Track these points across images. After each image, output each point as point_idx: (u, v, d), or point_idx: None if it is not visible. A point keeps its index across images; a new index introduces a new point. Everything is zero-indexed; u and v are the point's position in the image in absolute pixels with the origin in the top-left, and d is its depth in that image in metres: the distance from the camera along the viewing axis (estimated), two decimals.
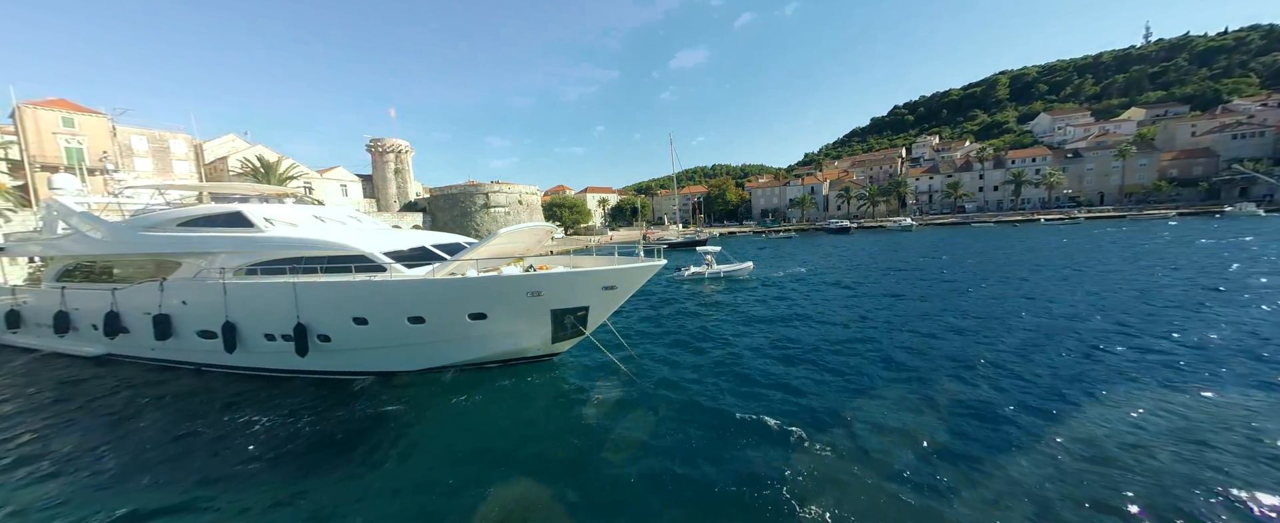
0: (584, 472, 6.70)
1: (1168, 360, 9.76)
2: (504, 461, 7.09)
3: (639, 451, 7.15)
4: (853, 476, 6.18)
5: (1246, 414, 7.31)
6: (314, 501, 6.29)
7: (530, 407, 9.21)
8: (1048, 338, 11.55)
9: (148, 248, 12.50)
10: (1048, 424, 7.28)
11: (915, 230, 60.52)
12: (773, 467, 6.43)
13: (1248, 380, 8.56)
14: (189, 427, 8.90)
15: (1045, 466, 6.20)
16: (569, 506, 5.89)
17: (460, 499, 6.12)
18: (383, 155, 55.34)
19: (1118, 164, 72.02)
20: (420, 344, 10.39)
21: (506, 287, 9.77)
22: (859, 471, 6.29)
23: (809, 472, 6.29)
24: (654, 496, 6.00)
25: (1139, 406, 7.78)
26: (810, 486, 6.01)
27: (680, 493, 6.03)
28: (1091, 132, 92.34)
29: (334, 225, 13.12)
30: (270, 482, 6.79)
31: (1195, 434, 6.79)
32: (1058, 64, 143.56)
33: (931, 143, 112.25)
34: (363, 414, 9.04)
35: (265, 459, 7.47)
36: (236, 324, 10.94)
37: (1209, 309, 13.55)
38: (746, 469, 6.40)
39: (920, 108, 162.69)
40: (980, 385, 8.86)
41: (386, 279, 9.88)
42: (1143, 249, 28.15)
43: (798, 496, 5.80)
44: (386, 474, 6.89)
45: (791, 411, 8.17)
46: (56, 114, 36.99)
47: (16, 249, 15.98)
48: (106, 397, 10.91)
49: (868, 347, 11.73)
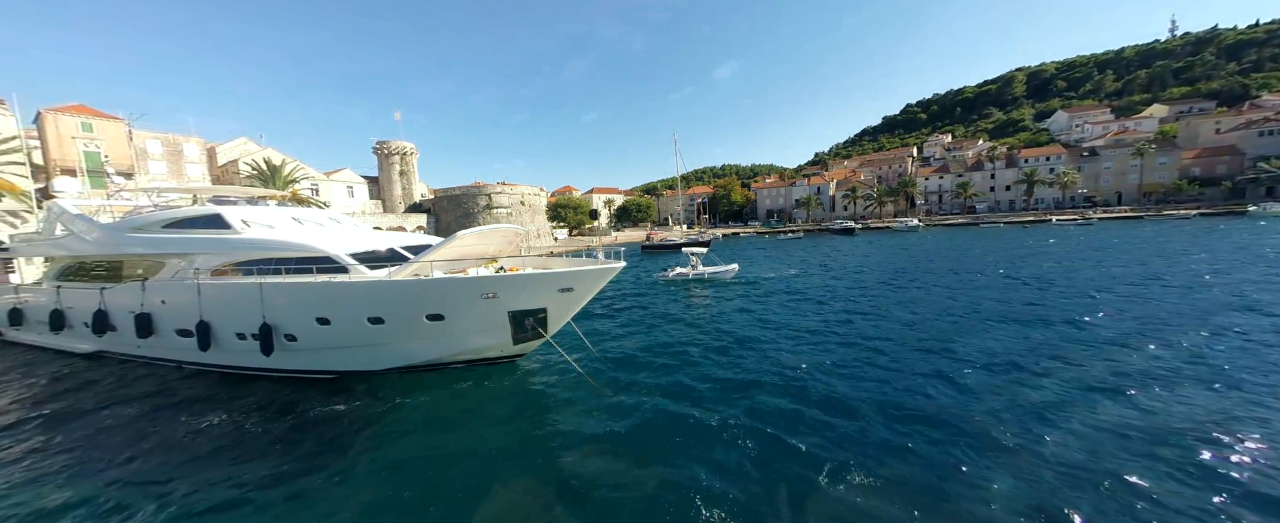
0: (532, 474, 6.79)
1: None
2: (452, 461, 7.22)
3: (585, 452, 7.24)
4: (757, 480, 6.23)
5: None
6: (264, 501, 6.45)
7: (484, 409, 9.29)
8: (1010, 385, 8.80)
9: (133, 249, 12.99)
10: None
11: (921, 231, 59.50)
12: (701, 469, 6.51)
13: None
14: (152, 424, 9.25)
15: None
16: (513, 507, 6.02)
17: (405, 501, 6.26)
18: (388, 157, 56.37)
19: (1136, 163, 69.80)
20: (381, 344, 10.62)
21: (461, 288, 9.93)
22: (761, 481, 6.32)
23: (727, 474, 6.35)
24: (589, 498, 6.09)
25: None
26: (723, 487, 6.06)
27: (615, 496, 6.10)
28: (1110, 129, 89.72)
29: (310, 227, 13.46)
30: (225, 482, 6.93)
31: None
32: (1077, 60, 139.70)
33: (943, 142, 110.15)
34: (321, 414, 9.27)
35: (223, 458, 7.67)
36: (210, 323, 11.32)
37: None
38: (680, 473, 6.48)
39: (934, 106, 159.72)
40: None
41: (346, 280, 10.13)
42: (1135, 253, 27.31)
43: (710, 497, 5.87)
44: (332, 475, 7.02)
45: (734, 418, 8.11)
46: (76, 119, 38.50)
47: (20, 249, 16.74)
48: (75, 391, 11.40)
49: (811, 361, 10.98)
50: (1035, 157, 76.97)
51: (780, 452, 6.88)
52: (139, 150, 41.95)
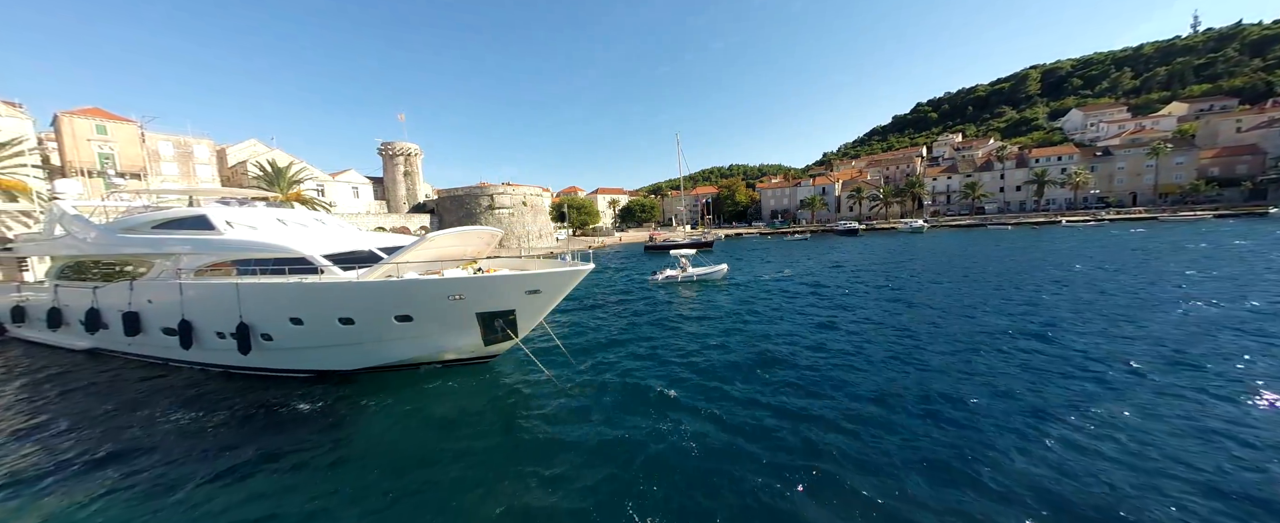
0: (494, 475, 6.86)
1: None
2: (415, 462, 7.33)
3: (547, 453, 7.34)
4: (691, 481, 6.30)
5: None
6: (226, 500, 6.57)
7: (454, 410, 9.38)
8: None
9: (124, 249, 13.39)
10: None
11: (926, 233, 58.67)
12: (653, 470, 6.62)
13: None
14: (131, 422, 9.55)
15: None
16: (470, 510, 6.11)
17: (359, 500, 6.40)
18: (393, 158, 57.15)
19: (1151, 163, 67.99)
20: (352, 344, 10.80)
21: (427, 290, 10.06)
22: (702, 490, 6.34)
23: (672, 476, 6.45)
24: (546, 497, 6.20)
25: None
26: (665, 490, 6.11)
27: (569, 495, 6.19)
28: (1127, 128, 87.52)
29: (294, 229, 13.71)
30: (189, 481, 7.10)
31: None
32: (1094, 57, 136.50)
33: (953, 141, 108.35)
34: (293, 413, 9.50)
35: (192, 456, 7.90)
36: (192, 322, 11.64)
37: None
38: (633, 473, 6.55)
39: (945, 105, 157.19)
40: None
41: (316, 281, 10.33)
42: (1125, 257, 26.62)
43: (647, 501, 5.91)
44: (291, 474, 7.18)
45: (689, 422, 8.14)
46: (90, 122, 39.66)
47: (24, 249, 17.34)
48: (61, 386, 11.78)
49: (772, 369, 10.87)
50: (1046, 156, 75.36)
51: (723, 457, 6.91)
52: (151, 152, 43.07)
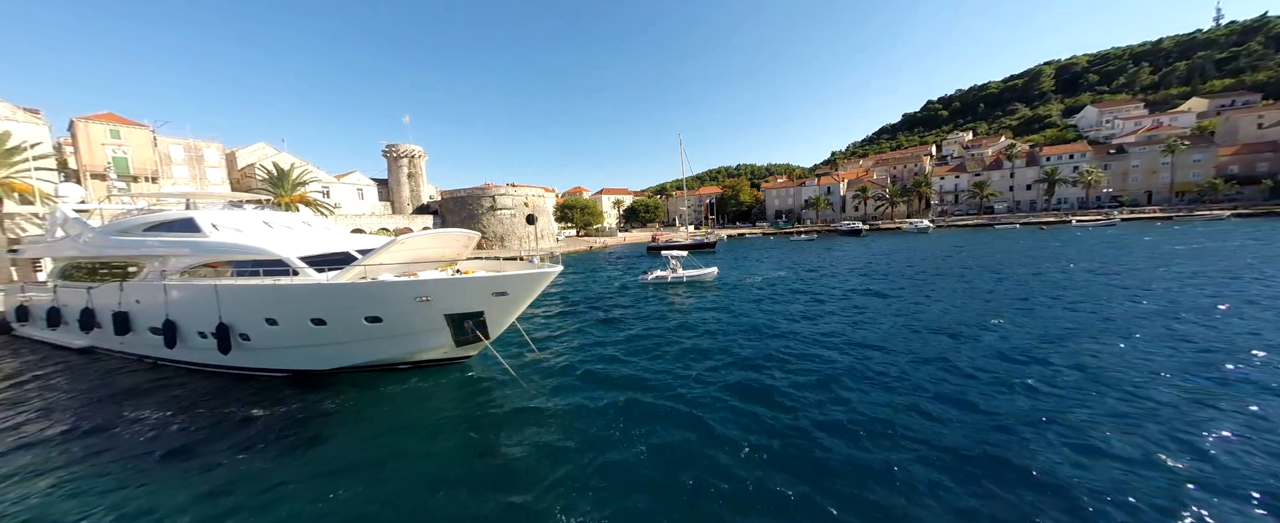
0: (445, 474, 6.99)
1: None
2: (367, 462, 7.47)
3: (511, 452, 7.47)
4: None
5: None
6: (185, 499, 6.72)
7: (424, 411, 9.53)
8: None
9: (116, 251, 13.85)
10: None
11: (931, 233, 57.83)
12: (609, 473, 6.67)
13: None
14: (112, 419, 9.89)
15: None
16: (422, 508, 6.24)
17: (306, 499, 6.54)
18: (397, 160, 57.95)
19: (1167, 160, 66.15)
20: (325, 345, 11.04)
21: (394, 291, 10.25)
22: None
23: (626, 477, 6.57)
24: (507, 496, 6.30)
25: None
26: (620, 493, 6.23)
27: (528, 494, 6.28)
28: (1143, 125, 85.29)
29: (279, 231, 14.05)
30: (156, 477, 7.33)
31: None
32: (1111, 52, 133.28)
33: (963, 139, 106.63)
34: (268, 412, 9.71)
35: (169, 452, 8.14)
36: (176, 322, 12.00)
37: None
38: (592, 478, 6.60)
39: (955, 102, 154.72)
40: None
41: (289, 282, 10.59)
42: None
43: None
44: (256, 472, 7.34)
45: (648, 424, 8.19)
46: (105, 126, 40.93)
47: (29, 250, 18.01)
48: (49, 382, 12.23)
49: (738, 372, 10.91)
50: (1058, 154, 73.75)
51: (670, 460, 6.98)
52: (163, 155, 44.27)
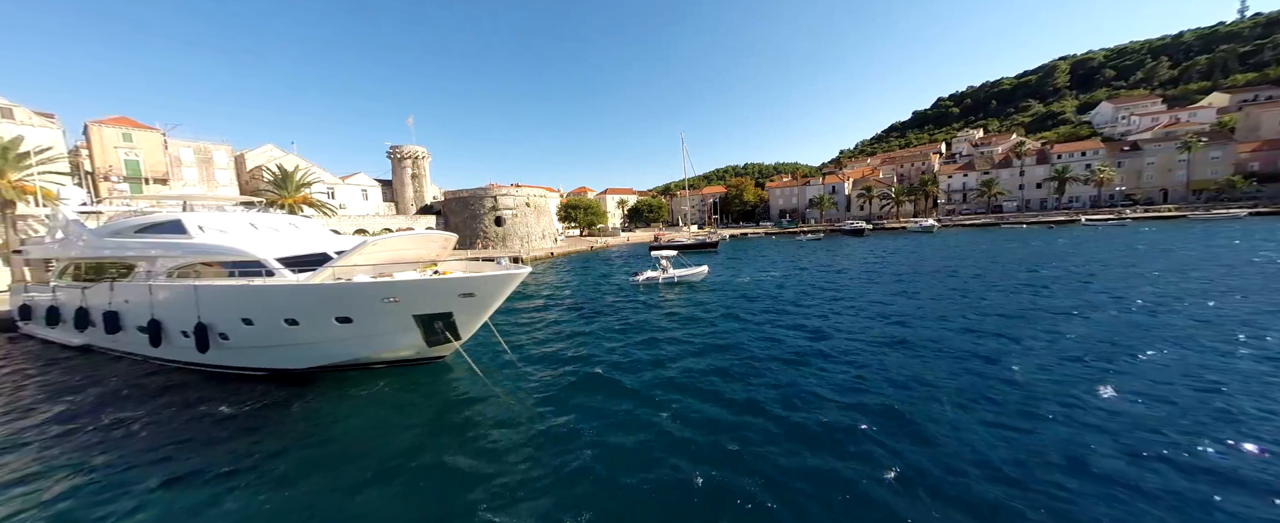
0: (418, 476, 7.09)
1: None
2: (327, 460, 7.67)
3: (476, 452, 7.58)
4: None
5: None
6: (141, 493, 6.93)
7: (382, 410, 9.75)
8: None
9: (108, 252, 14.32)
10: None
11: (936, 232, 56.98)
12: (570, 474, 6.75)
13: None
14: (94, 416, 10.25)
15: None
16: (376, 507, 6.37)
17: (262, 497, 6.69)
18: (401, 161, 58.73)
19: (1183, 158, 64.31)
20: (299, 344, 11.30)
21: (363, 292, 10.45)
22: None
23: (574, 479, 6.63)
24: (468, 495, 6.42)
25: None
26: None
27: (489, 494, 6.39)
28: (1160, 121, 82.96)
29: (265, 232, 14.40)
30: (113, 471, 7.61)
31: None
32: (1129, 46, 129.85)
33: (973, 137, 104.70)
34: (240, 409, 10.04)
35: (127, 447, 8.48)
36: (160, 322, 12.37)
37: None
38: (552, 480, 6.68)
39: (967, 99, 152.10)
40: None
41: (263, 283, 10.86)
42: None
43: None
44: (221, 467, 7.58)
45: (604, 427, 8.26)
46: (118, 130, 42.14)
47: (33, 251, 18.62)
48: (40, 377, 12.68)
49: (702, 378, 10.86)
50: (1070, 152, 72.12)
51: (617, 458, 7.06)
52: (173, 158, 45.48)
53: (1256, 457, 6.36)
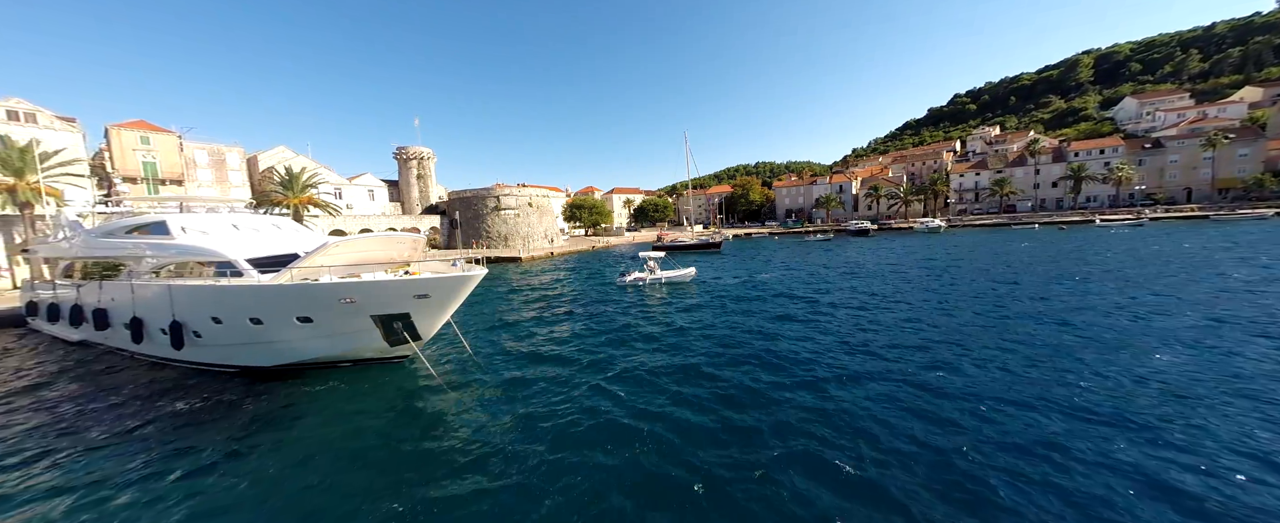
0: (347, 472, 7.29)
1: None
2: (310, 458, 7.83)
3: (410, 454, 7.73)
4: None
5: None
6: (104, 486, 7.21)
7: (341, 408, 9.99)
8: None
9: (99, 252, 15.00)
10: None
11: (943, 233, 55.76)
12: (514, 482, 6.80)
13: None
14: (79, 406, 10.79)
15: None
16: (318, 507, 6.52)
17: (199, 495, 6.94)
18: (407, 162, 59.84)
19: (1209, 155, 61.64)
20: (264, 343, 11.70)
21: (320, 293, 10.78)
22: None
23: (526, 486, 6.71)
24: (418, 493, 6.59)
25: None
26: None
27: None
28: (1187, 116, 79.66)
29: (247, 233, 14.89)
30: (97, 461, 8.02)
31: None
32: (1157, 39, 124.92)
33: (988, 134, 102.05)
34: (214, 404, 10.48)
35: (84, 437, 8.97)
36: (142, 319, 12.95)
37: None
38: (497, 483, 6.77)
39: (985, 95, 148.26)
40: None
41: (227, 283, 11.28)
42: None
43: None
44: (191, 461, 7.94)
45: (556, 432, 8.26)
46: (136, 133, 43.89)
47: (38, 251, 19.60)
48: (30, 371, 13.35)
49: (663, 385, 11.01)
50: (1088, 149, 69.73)
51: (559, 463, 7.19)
52: (188, 160, 47.17)
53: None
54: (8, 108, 34.45)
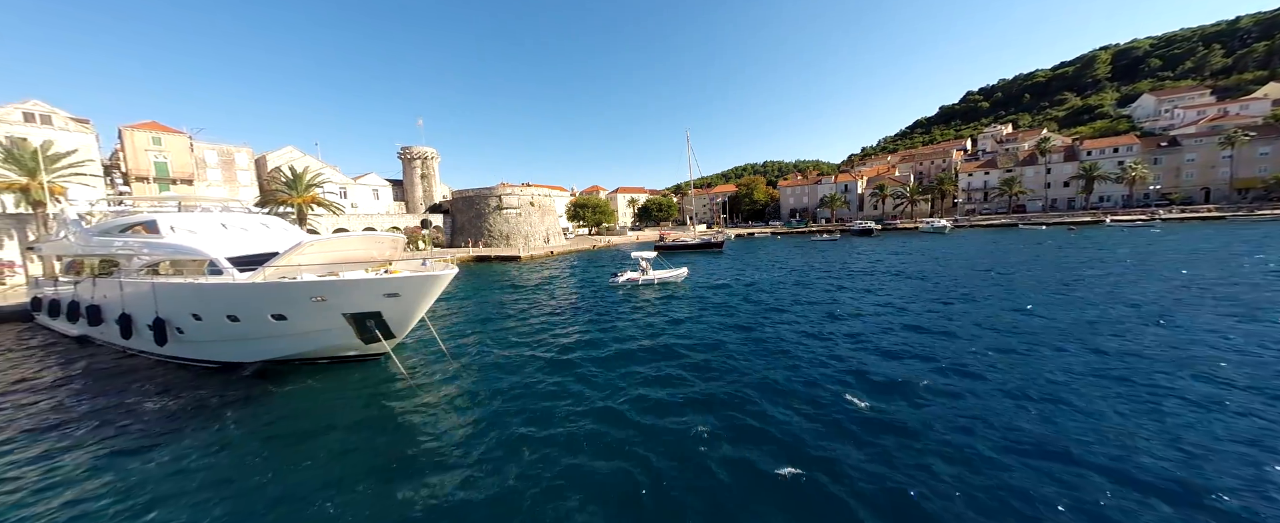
0: (302, 469, 7.42)
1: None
2: (224, 454, 8.10)
3: (368, 453, 7.83)
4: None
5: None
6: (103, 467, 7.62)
7: (308, 405, 10.24)
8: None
9: (95, 250, 15.49)
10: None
11: (948, 233, 54.85)
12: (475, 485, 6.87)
13: None
14: (68, 397, 11.19)
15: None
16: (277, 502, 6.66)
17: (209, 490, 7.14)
18: (411, 162, 60.60)
19: (1228, 154, 59.76)
20: (243, 339, 12.00)
21: (292, 291, 11.01)
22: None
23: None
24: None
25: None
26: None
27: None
28: (1207, 114, 77.33)
29: (235, 232, 15.24)
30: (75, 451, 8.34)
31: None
32: (1178, 34, 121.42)
33: (1000, 133, 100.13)
34: (190, 398, 10.82)
35: (103, 430, 9.24)
36: (130, 316, 13.36)
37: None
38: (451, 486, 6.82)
39: (998, 93, 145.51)
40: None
41: (206, 281, 11.59)
42: None
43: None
44: (164, 453, 8.30)
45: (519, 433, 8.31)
46: (148, 134, 45.10)
47: (42, 249, 20.30)
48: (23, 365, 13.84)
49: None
50: (1101, 148, 68.04)
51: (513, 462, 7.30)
52: (198, 160, 48.34)
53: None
54: (25, 110, 35.67)
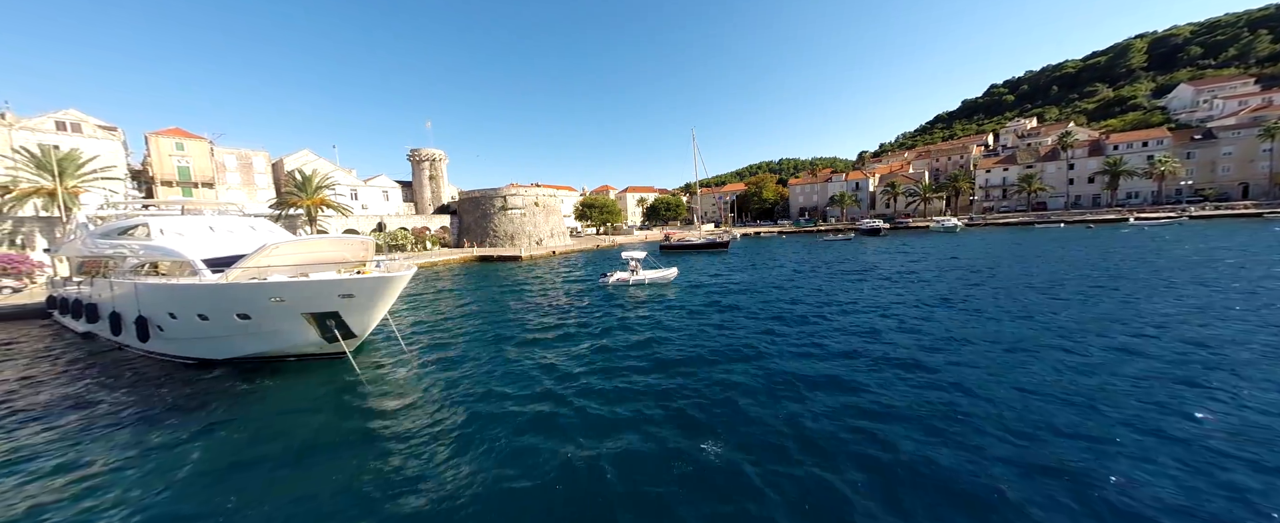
0: (248, 467, 7.59)
1: None
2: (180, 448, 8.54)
3: (317, 451, 8.09)
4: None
5: None
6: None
7: (280, 402, 10.55)
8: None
9: (95, 252, 16.52)
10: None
11: (960, 232, 53.16)
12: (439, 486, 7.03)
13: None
14: (64, 388, 12.02)
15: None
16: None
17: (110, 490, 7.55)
18: (420, 164, 62.10)
19: (1268, 147, 56.12)
20: (213, 337, 12.64)
21: (253, 292, 11.56)
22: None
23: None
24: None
25: None
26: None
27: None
28: (1249, 104, 72.72)
29: (222, 235, 16.01)
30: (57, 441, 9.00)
31: None
32: (1221, 19, 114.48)
33: (1023, 127, 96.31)
34: (174, 392, 11.41)
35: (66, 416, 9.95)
36: (120, 314, 14.22)
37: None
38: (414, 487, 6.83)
39: (1024, 85, 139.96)
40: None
41: (177, 282, 12.25)
42: None
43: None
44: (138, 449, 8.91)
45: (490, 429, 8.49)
46: (172, 140, 47.47)
47: (55, 250, 21.72)
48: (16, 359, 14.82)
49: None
50: (1127, 142, 64.76)
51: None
52: (218, 164, 50.64)
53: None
54: (57, 119, 38.08)
